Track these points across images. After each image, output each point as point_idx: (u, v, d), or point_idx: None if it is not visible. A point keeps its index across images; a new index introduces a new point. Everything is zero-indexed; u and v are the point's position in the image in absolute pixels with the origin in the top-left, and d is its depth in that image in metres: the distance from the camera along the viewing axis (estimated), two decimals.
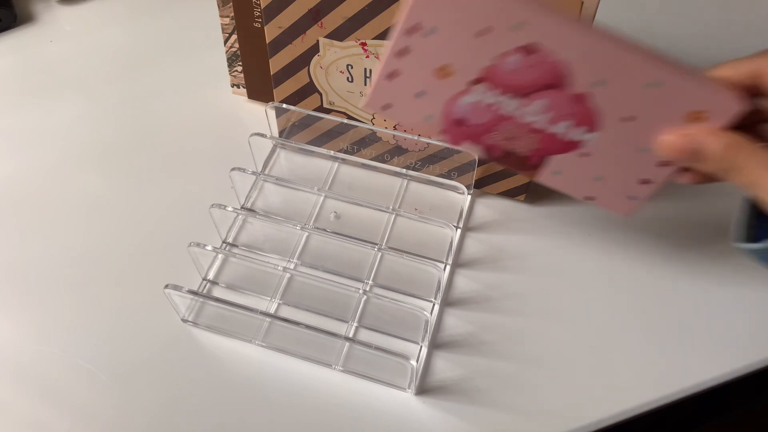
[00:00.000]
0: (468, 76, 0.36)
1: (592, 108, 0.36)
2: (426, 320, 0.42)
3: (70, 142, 0.57)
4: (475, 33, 0.34)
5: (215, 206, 0.46)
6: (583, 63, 0.34)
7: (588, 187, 0.39)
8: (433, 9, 0.34)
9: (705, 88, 0.34)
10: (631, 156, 0.37)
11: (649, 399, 0.42)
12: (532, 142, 0.38)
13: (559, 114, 0.36)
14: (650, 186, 0.38)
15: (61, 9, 0.69)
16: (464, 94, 0.37)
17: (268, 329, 0.45)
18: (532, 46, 0.34)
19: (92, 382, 0.43)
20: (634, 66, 0.34)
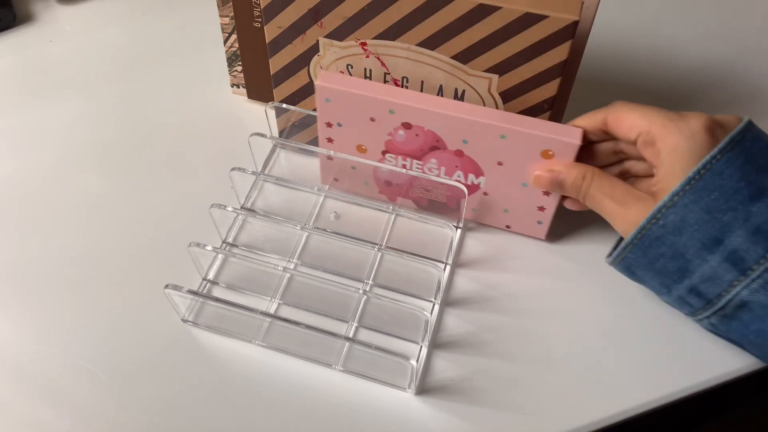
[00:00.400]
0: (377, 149, 0.48)
1: (470, 159, 0.45)
2: (426, 320, 0.42)
3: (70, 142, 0.57)
4: (368, 120, 0.46)
5: (215, 206, 0.46)
6: (447, 129, 0.44)
7: (501, 219, 0.49)
8: (334, 110, 0.46)
9: (543, 135, 0.42)
10: (518, 190, 0.46)
11: (649, 399, 0.42)
12: (443, 191, 0.49)
13: (449, 167, 0.47)
14: (547, 211, 0.47)
15: (61, 9, 0.69)
16: (381, 162, 0.48)
17: (268, 329, 0.45)
18: (407, 123, 0.45)
19: (92, 382, 0.43)
20: (482, 127, 0.43)
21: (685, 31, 0.67)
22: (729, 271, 0.35)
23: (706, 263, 0.36)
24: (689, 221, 0.36)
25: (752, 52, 0.65)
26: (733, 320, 0.37)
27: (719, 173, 0.36)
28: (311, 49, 0.46)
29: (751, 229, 0.35)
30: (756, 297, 0.35)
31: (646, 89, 0.61)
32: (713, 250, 0.36)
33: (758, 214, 0.35)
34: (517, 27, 0.40)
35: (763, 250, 0.35)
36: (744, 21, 0.69)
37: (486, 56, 0.42)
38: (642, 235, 0.38)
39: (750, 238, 0.35)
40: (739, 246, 0.35)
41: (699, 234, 0.36)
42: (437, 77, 0.45)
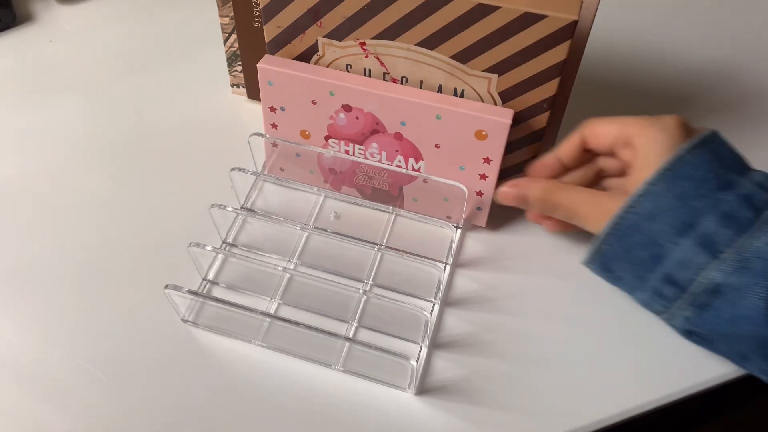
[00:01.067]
0: (320, 134, 0.48)
1: (409, 142, 0.46)
2: (426, 320, 0.42)
3: (70, 142, 0.57)
4: (309, 103, 0.46)
5: (215, 206, 0.46)
6: (385, 111, 0.45)
7: (441, 209, 0.49)
8: (276, 93, 0.47)
9: (475, 114, 0.43)
10: (456, 174, 0.46)
11: (649, 399, 0.42)
12: (385, 178, 0.49)
13: (390, 151, 0.47)
14: (485, 196, 0.47)
15: (61, 9, 0.69)
16: (324, 148, 0.49)
17: (268, 329, 0.45)
18: (347, 105, 0.45)
19: (92, 382, 0.43)
20: (417, 107, 0.44)
21: (685, 31, 0.67)
22: (700, 254, 0.36)
23: (679, 247, 0.37)
24: (662, 207, 0.37)
25: (752, 52, 0.65)
26: (707, 310, 0.37)
27: (691, 164, 0.38)
28: (311, 48, 0.46)
29: (721, 215, 0.36)
30: (729, 279, 0.36)
31: (646, 89, 0.61)
32: (685, 235, 0.37)
33: (727, 202, 0.36)
34: (517, 27, 0.40)
35: (733, 233, 0.36)
36: (744, 21, 0.69)
37: (485, 56, 0.42)
38: (618, 224, 0.39)
39: (719, 222, 0.36)
40: (709, 230, 0.36)
41: (671, 219, 0.37)
42: (436, 77, 0.45)
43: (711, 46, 0.65)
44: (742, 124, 0.58)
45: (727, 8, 0.70)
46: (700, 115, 0.59)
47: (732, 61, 0.64)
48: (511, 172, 0.50)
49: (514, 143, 0.47)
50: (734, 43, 0.66)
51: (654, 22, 0.68)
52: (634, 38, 0.66)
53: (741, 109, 0.60)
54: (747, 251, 0.35)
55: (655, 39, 0.66)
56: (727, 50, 0.65)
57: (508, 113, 0.43)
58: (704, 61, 0.64)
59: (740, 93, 0.61)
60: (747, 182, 0.38)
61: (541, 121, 0.45)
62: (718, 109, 0.60)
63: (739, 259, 0.35)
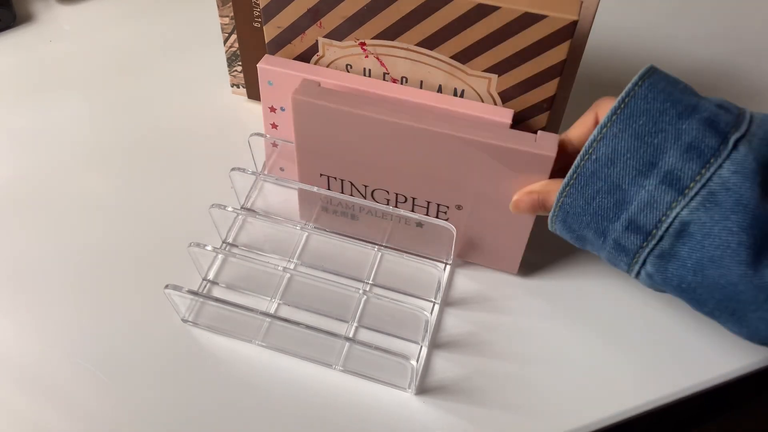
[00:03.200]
0: None
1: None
2: (426, 320, 0.42)
3: (70, 142, 0.57)
4: None
5: (215, 206, 0.46)
6: None
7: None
8: (276, 94, 0.47)
9: (475, 114, 0.42)
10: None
11: (649, 399, 0.42)
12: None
13: None
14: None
15: (61, 8, 0.69)
16: None
17: (268, 329, 0.45)
18: None
19: (92, 382, 0.43)
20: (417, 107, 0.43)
21: (685, 31, 0.67)
22: (666, 192, 0.34)
23: (643, 189, 0.35)
24: (621, 150, 0.35)
25: (752, 52, 0.65)
26: (671, 261, 0.35)
27: (643, 98, 0.35)
28: (310, 48, 0.46)
29: (684, 147, 0.34)
30: (696, 215, 0.34)
31: None
32: (648, 175, 0.35)
33: (688, 132, 0.34)
34: (516, 27, 0.40)
35: (698, 166, 0.34)
36: (744, 21, 0.69)
37: (485, 56, 0.42)
38: (577, 174, 0.36)
39: (683, 155, 0.34)
40: (673, 165, 0.34)
41: (632, 161, 0.35)
42: (436, 77, 0.45)
43: (711, 46, 0.65)
44: None
45: (727, 8, 0.70)
46: None
47: (732, 61, 0.64)
48: None
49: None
50: (734, 43, 0.66)
51: (654, 21, 0.68)
52: (634, 38, 0.66)
53: None
54: (713, 182, 0.33)
55: (655, 39, 0.66)
56: (727, 50, 0.65)
57: (508, 113, 0.43)
58: (704, 61, 0.64)
59: (740, 93, 0.61)
60: (707, 103, 0.35)
61: (541, 121, 0.45)
62: None
63: (705, 193, 0.33)
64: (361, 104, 0.42)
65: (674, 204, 0.34)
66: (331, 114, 0.42)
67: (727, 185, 0.33)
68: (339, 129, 0.43)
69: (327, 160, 0.45)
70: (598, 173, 0.36)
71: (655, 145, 0.35)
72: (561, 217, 0.39)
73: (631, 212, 0.35)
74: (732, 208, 0.33)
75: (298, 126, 0.44)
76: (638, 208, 0.35)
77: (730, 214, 0.33)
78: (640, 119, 0.35)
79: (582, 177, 0.37)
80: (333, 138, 0.44)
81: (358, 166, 0.45)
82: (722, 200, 0.33)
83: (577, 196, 0.37)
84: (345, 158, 0.45)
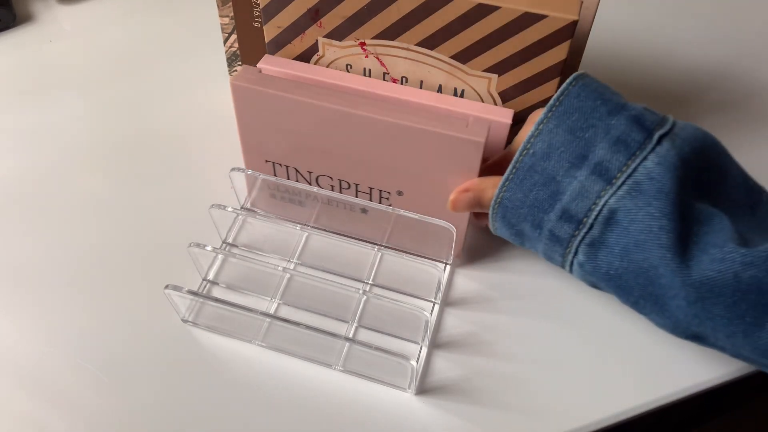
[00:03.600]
0: None
1: None
2: (426, 320, 0.42)
3: (70, 142, 0.57)
4: None
5: (215, 206, 0.46)
6: None
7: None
8: None
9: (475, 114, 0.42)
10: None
11: (649, 399, 0.42)
12: None
13: None
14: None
15: (61, 8, 0.69)
16: None
17: (268, 329, 0.45)
18: None
19: (92, 382, 0.43)
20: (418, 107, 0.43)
21: (685, 31, 0.67)
22: (596, 182, 0.36)
23: (575, 179, 0.37)
24: (555, 144, 0.37)
25: (752, 52, 0.65)
26: (600, 249, 0.37)
27: (576, 96, 0.38)
28: (310, 48, 0.46)
29: (612, 141, 0.36)
30: (623, 203, 0.36)
31: (645, 89, 0.61)
32: (580, 166, 0.37)
33: (617, 127, 0.37)
34: (516, 27, 0.40)
35: (624, 158, 0.36)
36: (744, 21, 0.69)
37: (485, 56, 0.42)
38: (516, 168, 0.38)
39: (612, 148, 0.36)
40: (603, 157, 0.36)
41: (566, 154, 0.37)
42: (436, 77, 0.45)
43: (711, 46, 0.65)
44: (742, 124, 0.58)
45: (727, 8, 0.70)
46: (700, 115, 0.59)
47: (732, 61, 0.64)
48: None
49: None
50: (734, 43, 0.66)
51: (654, 22, 0.68)
52: (634, 38, 0.66)
53: (741, 109, 0.60)
54: (638, 173, 0.36)
55: (655, 39, 0.66)
56: (727, 50, 0.65)
57: (508, 113, 0.43)
58: (704, 61, 0.64)
59: (740, 93, 0.61)
60: (635, 105, 0.38)
61: None
62: (718, 109, 0.60)
63: (631, 183, 0.36)
64: (299, 90, 0.42)
65: (603, 193, 0.36)
66: (270, 100, 0.42)
67: (651, 175, 0.36)
68: (279, 115, 0.43)
69: (270, 146, 0.46)
70: (535, 167, 0.38)
71: (586, 139, 0.37)
72: (501, 213, 0.40)
73: (564, 202, 0.37)
74: (655, 195, 0.35)
75: (239, 112, 0.44)
76: (570, 197, 0.37)
77: (653, 201, 0.35)
78: (573, 115, 0.37)
79: (520, 171, 0.38)
80: (274, 124, 0.44)
81: (300, 152, 0.45)
82: (646, 188, 0.35)
83: (516, 189, 0.39)
84: (287, 144, 0.45)
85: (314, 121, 0.42)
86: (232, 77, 0.43)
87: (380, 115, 0.41)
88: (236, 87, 0.42)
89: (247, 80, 0.42)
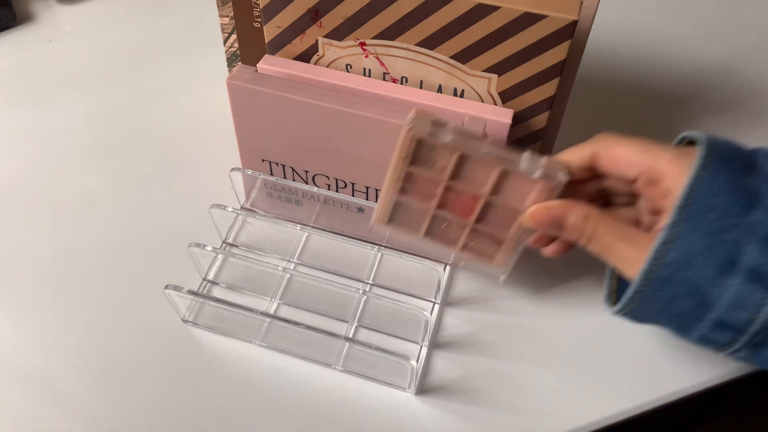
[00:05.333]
0: None
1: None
2: (426, 320, 0.42)
3: (70, 142, 0.57)
4: None
5: (215, 206, 0.46)
6: None
7: None
8: None
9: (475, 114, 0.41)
10: None
11: (649, 399, 0.42)
12: None
13: None
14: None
15: (61, 9, 0.69)
16: None
17: (268, 329, 0.45)
18: None
19: (92, 382, 0.43)
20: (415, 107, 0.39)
21: (685, 31, 0.67)
22: (755, 290, 0.32)
23: (727, 290, 0.32)
24: (695, 251, 0.33)
25: (752, 52, 0.65)
26: (765, 347, 0.34)
27: (709, 191, 0.33)
28: (310, 48, 0.46)
29: (761, 240, 0.32)
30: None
31: (645, 89, 0.61)
32: (730, 274, 0.32)
33: (762, 223, 0.32)
34: (516, 27, 0.40)
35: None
36: (744, 21, 0.69)
37: (485, 56, 0.42)
38: (650, 279, 0.34)
39: (762, 249, 0.32)
40: (756, 261, 0.32)
41: (710, 261, 0.33)
42: (436, 77, 0.45)
43: (711, 46, 0.66)
44: (742, 124, 0.58)
45: (727, 8, 0.70)
46: (700, 115, 0.59)
47: (732, 61, 0.64)
48: None
49: (514, 143, 0.47)
50: (734, 43, 0.66)
51: (654, 22, 0.68)
52: (634, 38, 0.66)
53: (741, 109, 0.60)
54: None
55: (655, 39, 0.66)
56: (727, 50, 0.65)
57: (508, 113, 0.43)
58: (704, 61, 0.64)
59: (740, 93, 0.61)
60: (766, 184, 0.33)
61: (541, 121, 0.45)
62: (718, 109, 0.60)
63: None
64: (295, 89, 0.42)
65: (765, 300, 0.32)
66: (265, 99, 0.42)
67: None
68: (274, 114, 0.43)
69: (267, 145, 0.46)
70: (673, 277, 0.33)
71: (730, 241, 0.32)
72: (629, 317, 0.37)
73: (719, 313, 0.33)
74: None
75: (236, 111, 0.44)
76: (726, 308, 0.33)
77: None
78: (710, 215, 0.33)
79: (655, 282, 0.34)
80: (270, 123, 0.44)
81: (296, 151, 0.45)
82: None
83: (651, 302, 0.35)
84: (283, 143, 0.45)
85: (310, 120, 0.42)
86: (228, 77, 0.43)
87: (375, 114, 0.41)
88: (232, 86, 0.42)
89: (243, 79, 0.42)
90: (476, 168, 0.39)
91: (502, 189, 0.39)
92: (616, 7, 0.67)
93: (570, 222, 0.37)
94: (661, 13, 0.69)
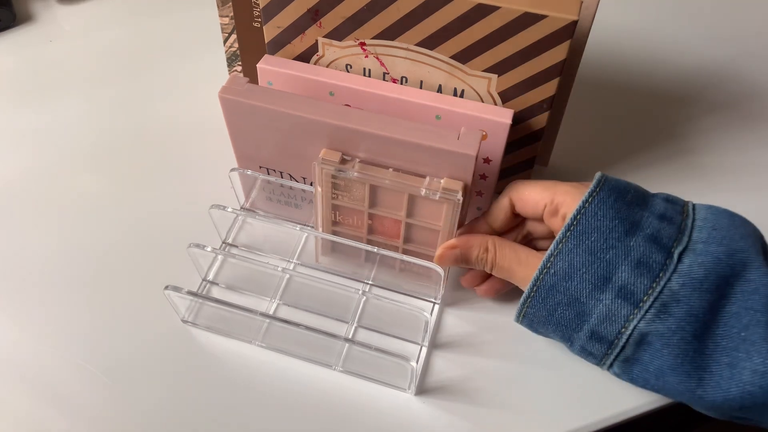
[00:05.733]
0: None
1: None
2: (426, 321, 0.42)
3: (70, 142, 0.57)
4: None
5: (215, 207, 0.46)
6: (385, 111, 0.44)
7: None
8: None
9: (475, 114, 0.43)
10: None
11: (648, 399, 0.42)
12: None
13: None
14: (485, 196, 0.47)
15: (61, 8, 0.69)
16: None
17: (267, 330, 0.45)
18: (347, 105, 0.44)
19: (92, 382, 0.43)
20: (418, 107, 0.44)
21: (685, 31, 0.67)
22: (622, 306, 0.36)
23: (601, 303, 0.37)
24: (576, 265, 0.37)
25: (752, 52, 0.65)
26: (635, 365, 0.37)
27: (594, 215, 0.37)
28: (310, 48, 0.46)
29: (634, 263, 0.36)
30: (653, 327, 0.36)
31: (645, 89, 0.61)
32: (604, 289, 0.37)
33: (636, 248, 0.36)
34: (516, 27, 0.40)
35: (648, 281, 0.36)
36: (744, 21, 0.69)
37: (485, 56, 0.42)
38: (537, 287, 0.38)
39: (634, 271, 0.36)
40: (626, 281, 0.36)
41: (588, 275, 0.37)
42: (436, 77, 0.45)
43: (711, 46, 0.65)
44: (742, 124, 0.58)
45: (727, 8, 0.70)
46: (700, 115, 0.59)
47: (732, 61, 0.64)
48: (511, 172, 0.50)
49: (514, 143, 0.47)
50: (734, 43, 0.66)
51: (654, 22, 0.68)
52: (634, 38, 0.66)
53: (741, 109, 0.60)
54: (664, 295, 0.35)
55: (655, 39, 0.66)
56: (727, 50, 0.65)
57: (508, 113, 0.43)
58: (704, 61, 0.64)
59: (740, 93, 0.61)
60: (651, 218, 0.37)
61: (541, 121, 0.45)
62: (718, 109, 0.60)
63: (658, 306, 0.35)
64: (286, 102, 0.42)
65: (631, 317, 0.36)
66: (257, 111, 0.42)
67: (677, 297, 0.35)
68: (267, 126, 0.43)
69: (262, 153, 0.46)
70: (557, 286, 0.38)
71: (607, 260, 0.37)
72: (526, 324, 0.41)
73: (592, 324, 0.37)
74: (684, 318, 0.35)
75: (229, 122, 0.44)
76: (598, 320, 0.37)
77: (685, 325, 0.35)
78: (592, 235, 0.37)
79: (542, 289, 0.38)
80: (264, 134, 0.44)
81: (291, 159, 0.45)
82: (674, 311, 0.35)
83: (539, 307, 0.39)
84: (278, 152, 0.45)
85: (303, 133, 0.42)
86: (220, 90, 0.43)
87: (368, 128, 0.40)
88: (224, 99, 0.43)
89: (233, 92, 0.42)
90: (389, 195, 0.42)
91: (417, 211, 0.42)
92: (616, 7, 0.67)
93: (474, 256, 0.42)
94: (661, 13, 0.69)
